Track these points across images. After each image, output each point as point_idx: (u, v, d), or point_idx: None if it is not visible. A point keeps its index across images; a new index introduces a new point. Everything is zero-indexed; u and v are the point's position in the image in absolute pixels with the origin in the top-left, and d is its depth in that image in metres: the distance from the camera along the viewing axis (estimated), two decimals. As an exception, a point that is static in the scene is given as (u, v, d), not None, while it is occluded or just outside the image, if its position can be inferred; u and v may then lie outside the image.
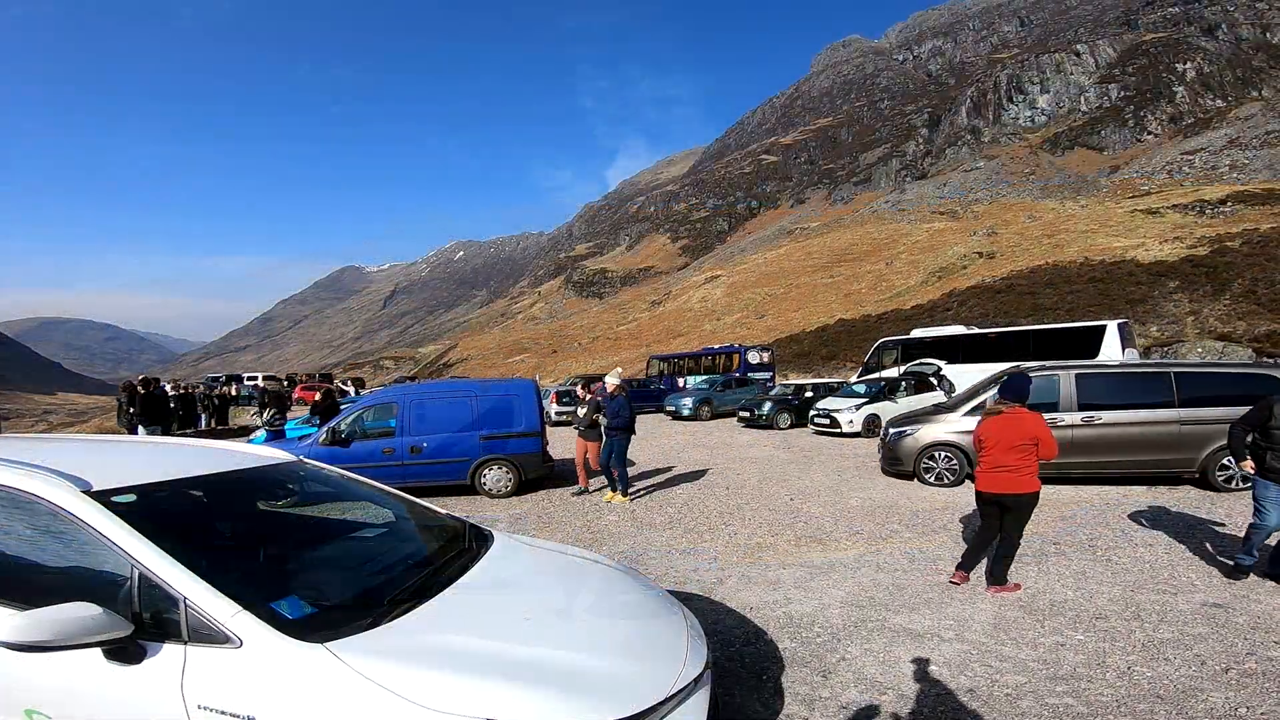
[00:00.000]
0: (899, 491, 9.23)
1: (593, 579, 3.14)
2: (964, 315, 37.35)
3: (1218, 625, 4.31)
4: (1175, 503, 8.02)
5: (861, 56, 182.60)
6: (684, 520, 7.90)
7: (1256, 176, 55.89)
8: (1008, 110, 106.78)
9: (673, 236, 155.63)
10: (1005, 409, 5.14)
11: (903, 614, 4.74)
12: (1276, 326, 26.29)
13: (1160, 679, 3.64)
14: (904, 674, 3.83)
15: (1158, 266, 36.56)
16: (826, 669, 3.92)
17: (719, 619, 4.69)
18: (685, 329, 68.09)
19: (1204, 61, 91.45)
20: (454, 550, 3.08)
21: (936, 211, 78.58)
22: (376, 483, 3.65)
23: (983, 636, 4.31)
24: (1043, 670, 3.81)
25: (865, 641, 4.28)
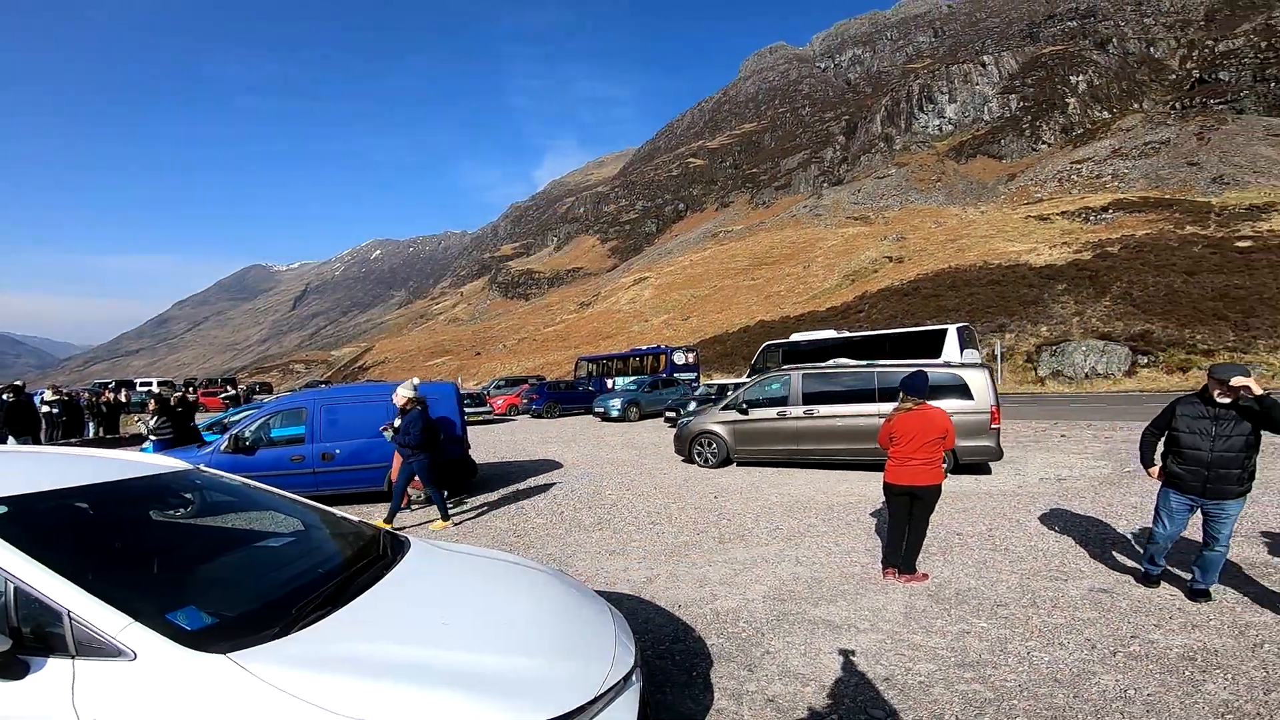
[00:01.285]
0: (815, 487, 9.51)
1: (517, 582, 3.09)
2: (874, 316, 39.13)
3: (1104, 610, 4.60)
4: (1064, 493, 8.61)
5: (787, 63, 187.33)
6: (613, 521, 7.91)
7: (1135, 185, 60.91)
8: (918, 119, 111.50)
9: (602, 238, 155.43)
10: (914, 405, 5.38)
11: (821, 606, 4.89)
12: (1149, 326, 28.69)
13: (1056, 663, 3.85)
14: (825, 665, 3.95)
15: (1047, 270, 39.07)
16: (752, 663, 4.01)
17: (649, 617, 4.75)
18: (614, 330, 68.13)
19: (1094, 74, 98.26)
20: (368, 558, 3.00)
21: (851, 217, 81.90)
22: (284, 491, 3.51)
23: (896, 626, 4.48)
24: (951, 658, 3.98)
25: (787, 635, 4.39)
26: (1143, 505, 7.45)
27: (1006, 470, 10.31)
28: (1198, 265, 34.47)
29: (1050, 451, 11.99)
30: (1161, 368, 25.86)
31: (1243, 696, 3.36)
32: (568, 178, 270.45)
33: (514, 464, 13.25)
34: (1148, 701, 3.36)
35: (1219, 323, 27.67)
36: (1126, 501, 7.76)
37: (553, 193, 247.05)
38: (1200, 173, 58.52)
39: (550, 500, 9.40)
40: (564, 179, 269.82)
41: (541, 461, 13.40)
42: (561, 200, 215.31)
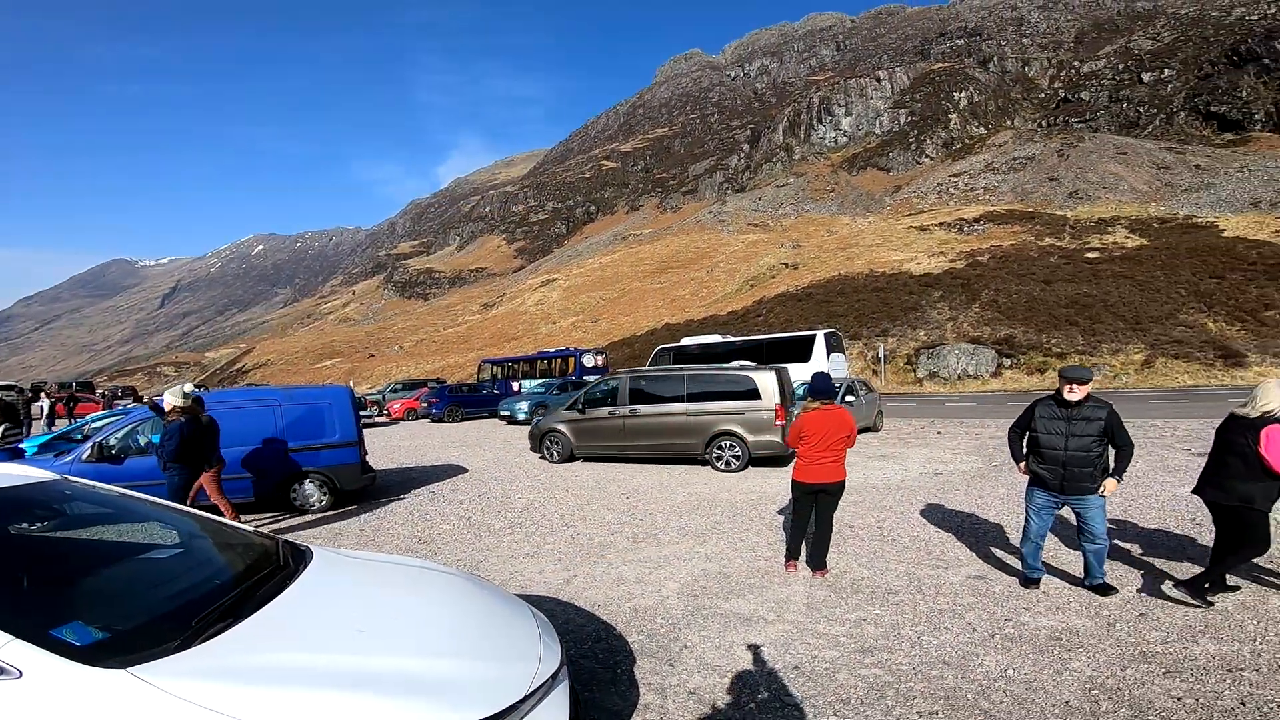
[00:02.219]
0: (720, 486, 9.83)
1: (432, 586, 3.04)
2: (771, 320, 40.74)
3: (981, 595, 5.03)
4: (941, 486, 9.37)
5: (700, 70, 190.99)
6: (525, 524, 7.87)
7: (1004, 198, 66.37)
8: (817, 130, 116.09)
9: (509, 238, 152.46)
10: (822, 405, 5.60)
11: (731, 600, 5.09)
12: (1012, 331, 31.55)
13: (944, 646, 4.18)
14: (739, 657, 4.13)
15: (926, 278, 41.90)
16: (672, 657, 4.15)
17: (569, 618, 4.81)
18: (520, 332, 67.02)
19: (975, 91, 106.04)
20: (267, 568, 2.90)
21: (752, 223, 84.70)
22: (164, 501, 3.35)
23: (800, 616, 4.73)
24: (852, 644, 4.25)
25: (703, 629, 4.56)
26: (1010, 497, 8.25)
27: (890, 466, 11.09)
28: (1054, 275, 38.14)
29: (928, 447, 13.00)
30: (1023, 369, 28.60)
31: (1104, 672, 3.71)
32: (473, 176, 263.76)
33: (416, 470, 12.85)
34: (1025, 680, 3.68)
35: (1071, 328, 30.87)
36: (995, 494, 8.56)
37: (457, 191, 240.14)
38: (1059, 187, 64.92)
39: (457, 506, 9.19)
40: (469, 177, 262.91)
41: (446, 467, 13.08)
42: (466, 199, 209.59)
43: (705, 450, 11.22)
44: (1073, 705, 3.39)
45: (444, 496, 9.91)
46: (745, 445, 10.91)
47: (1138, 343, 28.22)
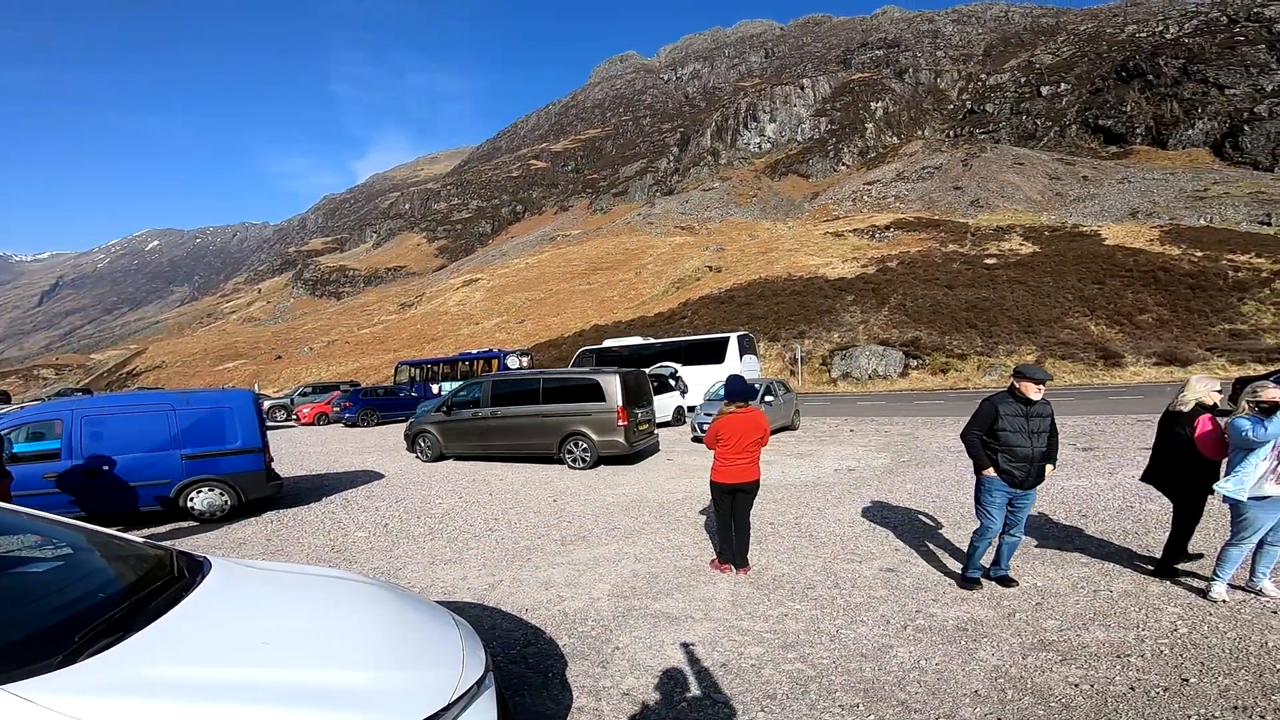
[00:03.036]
0: (648, 487, 9.87)
1: (344, 596, 2.92)
2: (696, 322, 41.37)
3: (893, 588, 5.23)
4: (854, 483, 9.72)
5: (634, 73, 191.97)
6: (446, 530, 7.68)
7: (913, 206, 70.09)
8: (742, 136, 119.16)
9: (429, 236, 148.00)
10: (738, 408, 5.69)
11: (660, 600, 5.13)
12: (918, 333, 33.29)
13: (860, 639, 4.31)
14: (670, 656, 4.16)
15: (840, 282, 43.57)
16: (604, 659, 4.17)
17: (496, 623, 4.78)
18: (440, 333, 65.09)
19: (890, 101, 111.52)
20: (160, 580, 2.78)
21: (679, 226, 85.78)
22: (43, 512, 3.12)
23: (725, 614, 4.80)
24: (775, 640, 4.34)
25: (633, 630, 4.57)
26: (916, 492, 8.67)
27: (807, 463, 11.43)
28: (956, 280, 40.54)
29: (842, 445, 13.50)
30: (928, 369, 30.25)
31: (1008, 661, 3.89)
32: (393, 172, 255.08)
33: (329, 477, 12.31)
34: (937, 670, 3.83)
35: (971, 330, 32.93)
36: (904, 489, 8.97)
37: (375, 186, 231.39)
38: (963, 196, 69.16)
39: (373, 513, 8.89)
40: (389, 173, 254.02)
41: (361, 473, 12.59)
42: (385, 195, 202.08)
43: (559, 449, 11.82)
44: (981, 694, 3.54)
45: (358, 503, 9.58)
46: (593, 445, 11.47)
47: (1029, 344, 30.41)
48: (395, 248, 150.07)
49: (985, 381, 27.87)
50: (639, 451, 12.25)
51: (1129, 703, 3.37)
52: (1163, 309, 33.19)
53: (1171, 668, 3.71)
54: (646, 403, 12.73)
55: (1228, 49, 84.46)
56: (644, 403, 12.56)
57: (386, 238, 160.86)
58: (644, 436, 12.33)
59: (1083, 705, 3.37)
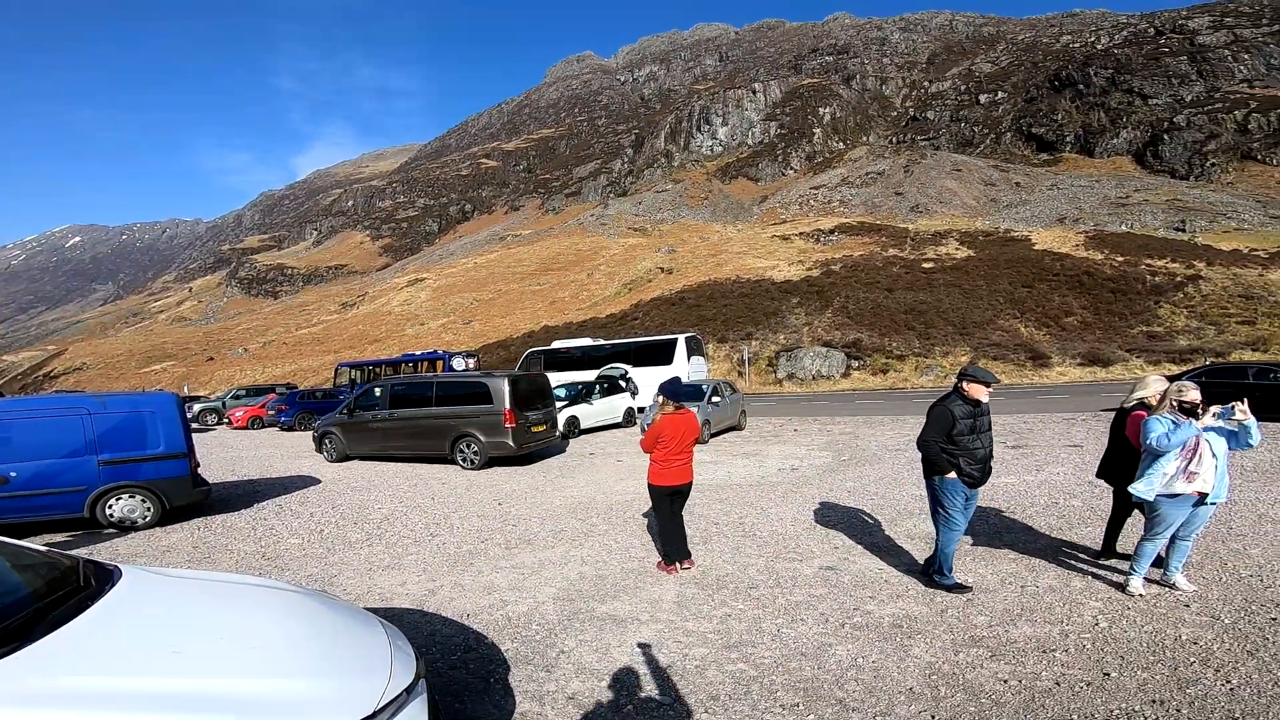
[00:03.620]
0: (596, 489, 9.82)
1: (264, 603, 2.88)
2: (647, 323, 41.50)
3: (832, 586, 5.30)
4: (797, 481, 9.86)
5: (591, 73, 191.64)
6: (385, 535, 7.50)
7: (856, 211, 72.13)
8: (695, 139, 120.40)
9: (373, 234, 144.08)
10: (675, 409, 5.74)
11: (607, 603, 5.10)
12: (860, 335, 34.26)
13: (801, 638, 4.34)
14: (616, 659, 4.13)
15: (786, 285, 44.52)
16: (549, 663, 4.13)
17: (435, 629, 4.69)
18: (383, 334, 63.34)
19: (838, 107, 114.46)
20: (64, 589, 2.72)
21: (632, 228, 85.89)
22: None
23: (671, 615, 4.80)
24: (719, 640, 4.34)
25: (579, 633, 4.54)
26: (856, 490, 8.85)
27: (753, 463, 11.57)
28: (896, 283, 41.96)
29: (786, 444, 13.73)
30: (868, 370, 31.15)
31: (940, 658, 3.95)
32: (336, 168, 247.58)
33: (262, 482, 11.88)
34: (874, 668, 3.87)
35: (909, 332, 34.08)
36: (844, 487, 9.15)
37: (316, 183, 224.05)
38: (904, 202, 71.50)
39: (308, 519, 8.63)
40: (331, 169, 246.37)
41: (296, 478, 12.16)
42: (327, 191, 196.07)
43: (450, 450, 12.15)
44: (916, 691, 3.59)
45: (292, 510, 9.30)
46: (483, 445, 11.86)
47: (964, 345, 31.64)
48: (337, 246, 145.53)
49: (922, 382, 28.84)
50: (531, 453, 12.60)
51: (1054, 697, 3.46)
52: (1086, 311, 35.07)
53: (1094, 662, 3.82)
54: (543, 405, 12.99)
55: (1153, 60, 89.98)
56: (539, 405, 12.83)
57: (328, 235, 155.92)
58: (538, 438, 12.62)
59: (1011, 701, 3.44)
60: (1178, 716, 3.23)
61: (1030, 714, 3.32)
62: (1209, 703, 3.33)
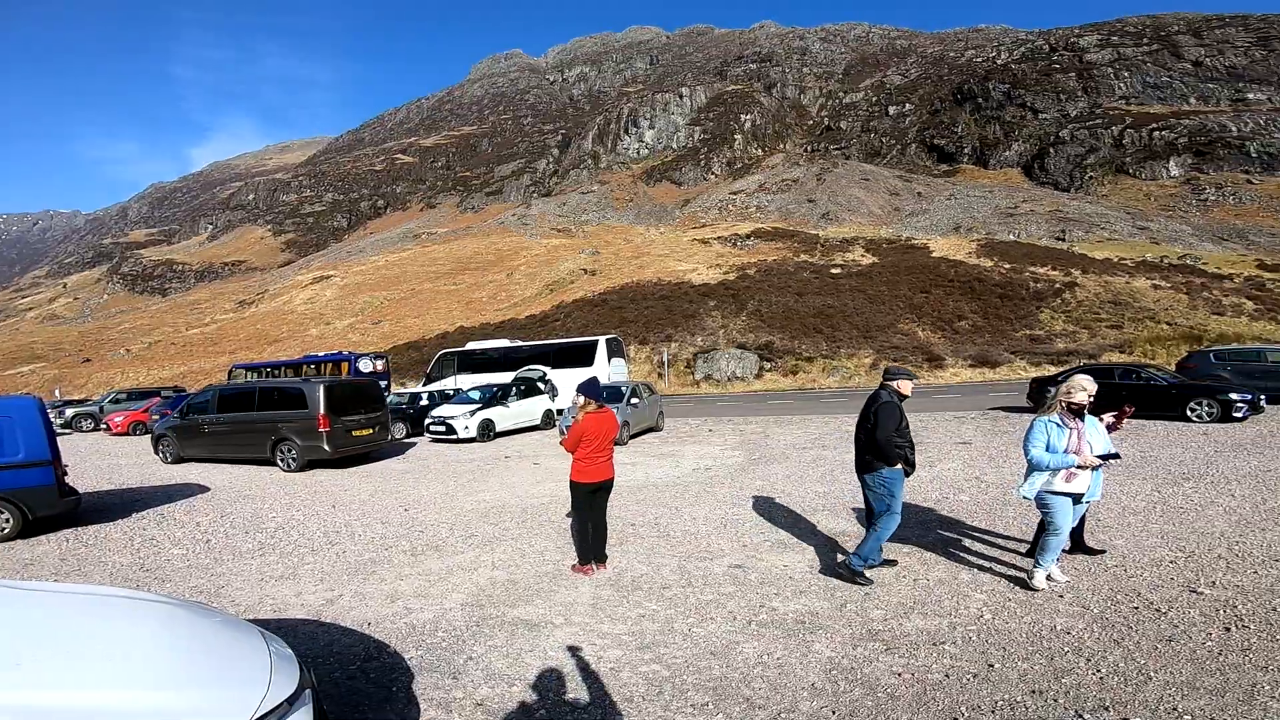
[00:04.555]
0: (510, 492, 9.67)
1: (125, 614, 2.76)
2: (569, 325, 41.24)
3: (740, 584, 5.40)
4: (710, 481, 10.04)
5: (519, 71, 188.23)
6: (279, 545, 7.20)
7: (771, 217, 74.28)
8: (623, 141, 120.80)
9: (275, 230, 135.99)
10: (596, 407, 5.83)
11: (519, 607, 5.05)
12: (772, 338, 35.32)
13: (710, 636, 4.41)
14: (528, 664, 4.09)
15: (704, 288, 45.32)
16: (456, 670, 4.06)
17: (333, 639, 4.58)
18: (284, 334, 59.80)
19: (759, 114, 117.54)
20: None
21: (555, 228, 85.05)
22: None
23: (586, 618, 4.78)
24: (633, 641, 4.36)
25: (489, 639, 4.47)
26: (765, 488, 9.10)
27: (669, 463, 11.74)
28: (806, 288, 43.55)
29: (701, 444, 13.99)
30: (780, 371, 32.18)
31: (840, 653, 4.06)
32: (237, 160, 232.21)
33: (143, 490, 11.11)
34: (779, 665, 3.96)
35: (818, 335, 35.45)
36: (753, 485, 9.41)
37: (214, 175, 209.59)
38: (815, 209, 74.30)
39: (193, 529, 8.18)
40: (231, 161, 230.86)
41: (181, 486, 11.43)
42: (225, 184, 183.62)
43: (271, 452, 12.61)
44: (818, 687, 3.70)
45: (176, 519, 8.81)
46: (299, 448, 12.33)
47: (867, 348, 33.26)
48: (235, 241, 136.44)
49: (829, 382, 30.10)
50: (349, 456, 13.00)
51: (944, 689, 3.59)
52: (977, 316, 37.69)
53: (979, 653, 3.98)
54: (368, 410, 13.34)
55: (1045, 76, 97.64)
56: (363, 410, 13.20)
57: (224, 230, 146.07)
58: (361, 442, 13.06)
59: (905, 695, 3.57)
60: (1055, 706, 3.37)
61: (923, 707, 3.44)
62: (1082, 691, 3.50)
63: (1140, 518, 6.71)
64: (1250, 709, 3.24)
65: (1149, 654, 3.87)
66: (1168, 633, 4.13)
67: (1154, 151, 76.79)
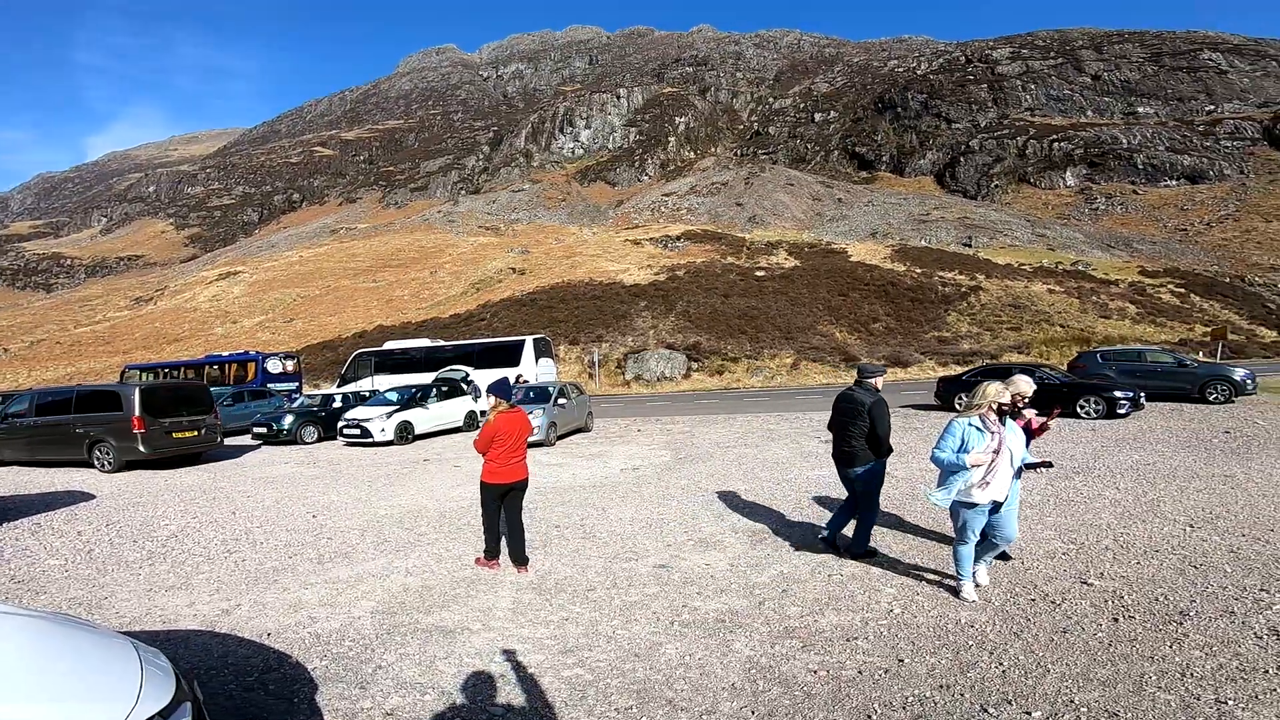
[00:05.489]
0: (429, 496, 9.37)
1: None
2: (496, 325, 40.48)
3: (663, 584, 5.38)
4: (637, 481, 10.02)
5: (451, 66, 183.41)
6: (171, 554, 6.79)
7: (701, 219, 75.18)
8: (558, 140, 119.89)
9: (178, 223, 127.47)
10: (508, 407, 5.76)
11: (434, 613, 4.87)
12: (699, 338, 35.85)
13: (634, 638, 4.34)
14: (442, 671, 3.95)
15: (635, 289, 45.60)
16: (364, 680, 3.91)
17: (229, 650, 4.40)
18: (186, 332, 55.95)
19: (692, 118, 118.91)
20: None
21: (483, 226, 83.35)
22: None
23: (505, 623, 4.65)
24: (555, 646, 4.26)
25: (401, 647, 4.33)
26: (690, 487, 9.16)
27: (597, 464, 11.67)
28: (732, 289, 44.46)
29: (629, 444, 14.00)
30: (706, 371, 32.71)
31: (759, 651, 4.06)
32: (138, 151, 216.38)
33: (16, 499, 10.28)
34: (700, 665, 3.93)
35: (742, 336, 36.25)
36: (679, 485, 9.46)
37: (111, 166, 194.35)
38: (743, 212, 75.78)
39: (74, 538, 7.62)
40: (131, 152, 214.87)
41: (63, 494, 10.61)
42: (123, 175, 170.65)
43: (88, 454, 12.81)
44: (738, 687, 3.68)
45: (55, 528, 8.20)
46: (115, 449, 12.62)
47: (788, 349, 34.27)
48: (132, 235, 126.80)
49: (752, 382, 30.84)
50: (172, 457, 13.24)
51: (858, 686, 3.63)
52: (890, 318, 39.53)
53: (890, 648, 4.04)
54: (191, 412, 13.55)
55: (959, 87, 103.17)
56: (185, 412, 13.41)
57: (121, 223, 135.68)
58: (182, 444, 13.29)
59: (821, 692, 3.58)
60: (962, 701, 3.43)
61: (838, 705, 3.46)
62: (987, 685, 3.56)
63: (1036, 510, 7.06)
64: (1140, 700, 3.35)
65: (1046, 646, 3.99)
66: (1062, 624, 4.27)
67: (1053, 162, 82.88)
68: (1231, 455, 9.62)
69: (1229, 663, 3.67)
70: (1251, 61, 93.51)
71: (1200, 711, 3.21)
